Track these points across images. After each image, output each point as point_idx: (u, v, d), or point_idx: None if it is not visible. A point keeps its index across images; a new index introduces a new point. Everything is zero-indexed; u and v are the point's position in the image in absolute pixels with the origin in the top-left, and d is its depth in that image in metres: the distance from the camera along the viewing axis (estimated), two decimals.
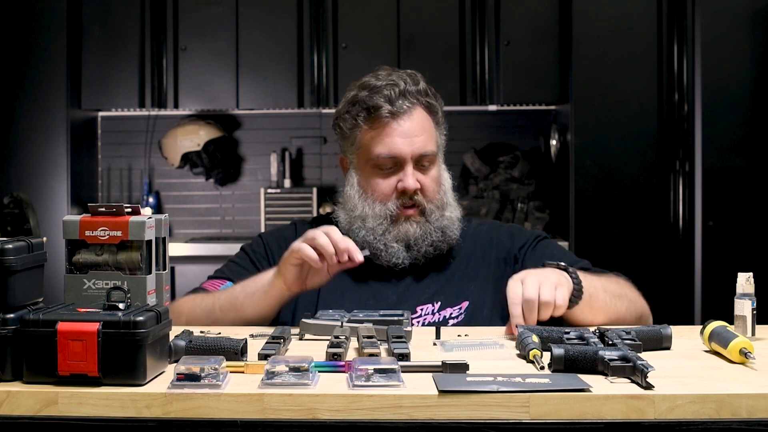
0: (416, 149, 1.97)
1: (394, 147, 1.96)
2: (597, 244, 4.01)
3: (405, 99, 1.97)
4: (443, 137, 2.08)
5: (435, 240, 1.98)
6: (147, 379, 1.30)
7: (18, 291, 1.35)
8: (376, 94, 1.97)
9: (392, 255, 1.96)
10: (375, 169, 1.99)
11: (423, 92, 2.01)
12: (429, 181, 2.00)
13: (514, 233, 2.09)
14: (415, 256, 1.98)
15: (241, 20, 4.35)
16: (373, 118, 1.97)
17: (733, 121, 3.90)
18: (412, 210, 1.99)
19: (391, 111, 1.96)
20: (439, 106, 2.05)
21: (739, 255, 3.83)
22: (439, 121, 2.05)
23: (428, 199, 2.00)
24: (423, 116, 2.00)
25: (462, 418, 1.25)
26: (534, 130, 4.61)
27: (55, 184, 4.25)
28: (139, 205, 1.53)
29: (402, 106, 1.97)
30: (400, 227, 1.97)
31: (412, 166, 1.97)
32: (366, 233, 1.97)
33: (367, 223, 1.97)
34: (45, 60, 4.25)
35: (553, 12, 4.21)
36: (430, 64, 4.26)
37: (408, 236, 1.97)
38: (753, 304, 1.64)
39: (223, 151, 4.66)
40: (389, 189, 1.98)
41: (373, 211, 1.97)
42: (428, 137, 2.00)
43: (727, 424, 1.25)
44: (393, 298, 1.96)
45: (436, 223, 1.99)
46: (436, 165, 2.03)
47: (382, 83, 1.98)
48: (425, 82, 2.04)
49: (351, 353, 1.52)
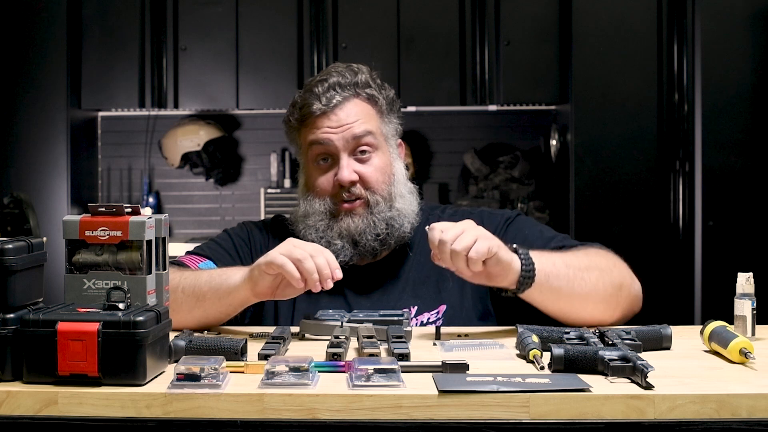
0: (347, 134, 1.92)
1: (324, 137, 1.93)
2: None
3: (335, 92, 1.93)
4: (392, 126, 2.01)
5: (380, 233, 1.92)
6: (147, 379, 1.30)
7: (18, 291, 1.35)
8: (307, 93, 1.96)
9: (337, 252, 1.87)
10: (314, 165, 1.96)
11: (361, 84, 1.96)
12: (371, 170, 1.94)
13: (483, 218, 1.98)
14: (362, 252, 1.92)
15: (241, 20, 4.35)
16: (306, 116, 1.95)
17: (733, 121, 3.90)
18: (355, 203, 1.93)
19: (319, 107, 1.93)
20: (384, 96, 1.99)
21: (739, 255, 3.82)
22: (383, 110, 1.99)
23: (371, 190, 1.93)
24: (359, 106, 1.95)
25: (462, 418, 1.25)
26: (534, 130, 4.61)
27: (55, 184, 4.25)
28: (139, 205, 1.53)
29: (332, 99, 1.93)
30: (341, 223, 1.92)
31: (346, 156, 1.92)
32: (308, 231, 1.93)
33: (309, 221, 1.94)
34: (45, 60, 4.25)
35: (553, 12, 4.21)
36: (430, 64, 4.27)
37: (350, 231, 1.91)
38: (753, 304, 1.64)
39: (223, 151, 4.66)
40: (327, 184, 1.94)
41: (314, 208, 1.94)
42: (362, 123, 1.94)
43: (727, 424, 1.25)
44: (368, 305, 1.91)
45: (380, 215, 1.93)
46: (379, 153, 1.96)
47: (316, 80, 1.97)
48: (370, 74, 1.99)
49: (351, 353, 1.52)
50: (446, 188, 4.63)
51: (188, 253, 2.00)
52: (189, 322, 1.74)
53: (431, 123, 4.68)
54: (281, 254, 1.66)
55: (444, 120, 4.60)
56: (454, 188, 4.65)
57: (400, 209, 1.95)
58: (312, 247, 1.69)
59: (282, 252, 1.67)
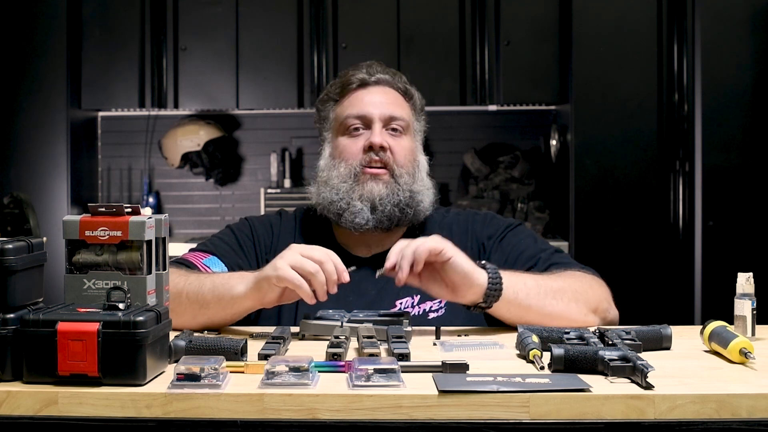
0: (385, 110, 1.98)
1: (363, 108, 1.98)
2: (597, 244, 4.01)
3: (378, 72, 2.02)
4: (421, 124, 2.08)
5: (402, 200, 1.94)
6: (147, 379, 1.30)
7: (18, 291, 1.35)
8: (351, 72, 2.03)
9: (355, 213, 1.92)
10: (345, 133, 2.00)
11: (401, 81, 2.05)
12: (399, 147, 1.98)
13: (487, 221, 2.05)
14: (379, 218, 1.94)
15: (241, 20, 4.35)
16: (346, 91, 2.02)
17: (733, 121, 3.90)
18: (379, 170, 1.96)
19: (361, 79, 2.00)
20: (418, 96, 2.07)
21: (739, 255, 3.83)
22: (417, 107, 2.06)
23: (398, 163, 1.97)
24: (396, 95, 2.03)
25: (462, 418, 1.25)
26: (534, 130, 4.61)
27: (55, 184, 4.25)
28: (139, 205, 1.53)
29: (374, 74, 2.01)
30: (365, 186, 1.95)
31: (380, 125, 1.97)
32: (330, 193, 1.95)
33: (331, 182, 1.96)
34: (45, 60, 4.25)
35: (553, 12, 4.21)
36: (430, 64, 4.27)
37: (373, 195, 1.94)
38: (753, 304, 1.64)
39: (223, 151, 4.66)
40: (356, 148, 1.97)
41: (338, 171, 1.96)
42: (399, 107, 2.01)
43: (727, 424, 1.25)
44: (372, 293, 1.93)
45: (404, 185, 1.96)
46: (408, 137, 2.01)
47: (361, 67, 2.04)
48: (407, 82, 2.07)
49: (351, 353, 1.52)
50: (446, 188, 4.63)
51: (192, 251, 2.00)
52: (194, 327, 1.75)
53: (431, 123, 4.59)
54: (292, 267, 1.66)
55: (444, 120, 4.60)
56: (454, 188, 4.65)
57: (421, 188, 1.99)
58: (319, 252, 1.69)
59: (292, 264, 1.66)
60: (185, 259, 1.94)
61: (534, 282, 1.78)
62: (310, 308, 1.82)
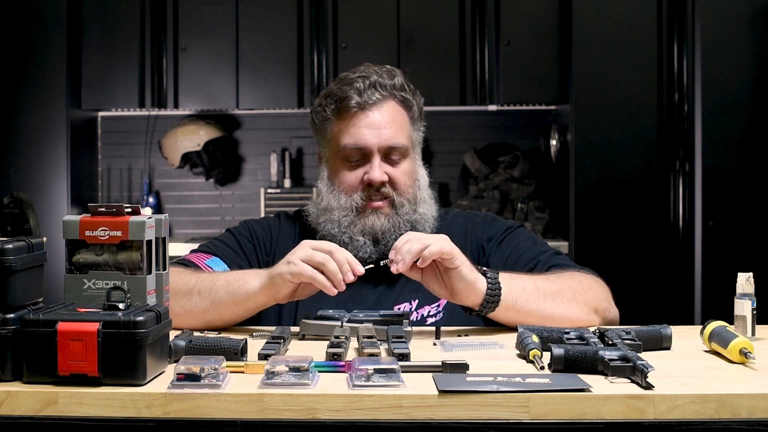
0: (383, 141, 1.94)
1: (361, 138, 1.93)
2: (597, 244, 4.01)
3: (375, 91, 1.94)
4: (420, 133, 2.04)
5: (403, 232, 1.89)
6: (147, 379, 1.30)
7: (18, 291, 1.35)
8: (346, 86, 1.96)
9: (358, 248, 1.91)
10: (343, 161, 1.96)
11: (398, 87, 1.98)
12: (399, 174, 1.95)
13: (486, 223, 2.03)
14: (382, 251, 1.92)
15: (241, 20, 4.35)
16: (342, 110, 1.95)
17: (733, 121, 3.90)
18: (380, 202, 1.94)
19: (359, 102, 1.93)
20: (417, 103, 2.02)
21: (739, 255, 3.83)
22: (415, 117, 2.01)
23: (399, 192, 1.95)
24: (395, 109, 1.97)
25: (462, 418, 1.25)
26: (534, 130, 4.61)
27: (55, 184, 4.25)
28: (139, 205, 1.53)
29: (371, 97, 1.94)
30: (366, 219, 1.93)
31: (379, 158, 1.94)
32: (331, 226, 1.94)
33: (333, 215, 1.94)
34: (45, 60, 4.25)
35: (553, 12, 4.21)
36: (430, 64, 4.27)
37: (375, 229, 1.93)
38: (753, 304, 1.64)
39: (223, 151, 4.66)
40: (355, 181, 1.95)
41: (339, 202, 1.94)
42: (398, 130, 1.96)
43: (727, 424, 1.25)
44: (372, 298, 1.93)
45: (405, 217, 1.94)
46: (408, 159, 1.98)
47: (355, 76, 1.97)
48: (404, 78, 2.01)
49: (351, 353, 1.52)
50: (446, 188, 4.63)
51: (193, 252, 2.00)
52: (200, 323, 1.75)
53: (431, 123, 4.60)
54: (303, 261, 1.67)
55: (444, 120, 4.61)
56: (454, 188, 4.65)
57: (423, 214, 1.97)
58: (328, 245, 1.71)
59: (303, 258, 1.68)
60: (187, 260, 1.94)
61: (533, 286, 1.77)
62: (310, 308, 1.82)
